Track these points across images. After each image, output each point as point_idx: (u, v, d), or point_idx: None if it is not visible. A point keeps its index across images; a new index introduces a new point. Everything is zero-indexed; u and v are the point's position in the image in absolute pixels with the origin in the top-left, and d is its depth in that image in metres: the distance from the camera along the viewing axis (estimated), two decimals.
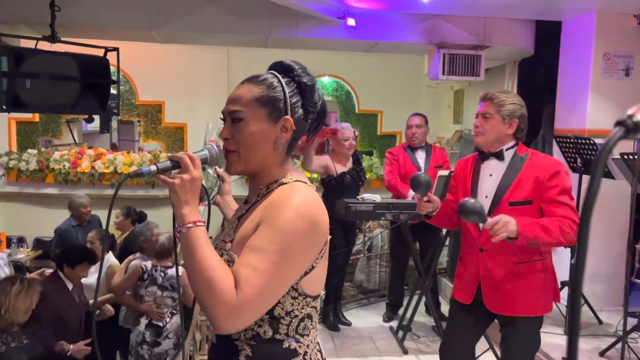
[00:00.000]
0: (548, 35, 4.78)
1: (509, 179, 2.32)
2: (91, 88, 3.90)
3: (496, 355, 3.53)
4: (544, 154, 2.47)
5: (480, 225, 2.34)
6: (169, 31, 4.53)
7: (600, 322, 4.06)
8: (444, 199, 2.64)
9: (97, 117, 4.97)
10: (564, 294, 4.06)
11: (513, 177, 2.32)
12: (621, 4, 4.09)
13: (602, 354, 3.49)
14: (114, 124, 8.88)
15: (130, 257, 3.91)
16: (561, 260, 4.49)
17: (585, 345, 3.66)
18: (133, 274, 3.50)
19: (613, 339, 3.53)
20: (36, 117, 6.68)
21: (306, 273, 1.19)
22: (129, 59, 5.32)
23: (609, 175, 3.68)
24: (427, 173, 4.09)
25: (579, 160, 3.87)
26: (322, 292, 1.30)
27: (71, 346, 3.19)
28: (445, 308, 4.72)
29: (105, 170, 6.56)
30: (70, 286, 3.48)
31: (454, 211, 2.46)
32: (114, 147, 8.47)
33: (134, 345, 3.36)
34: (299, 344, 1.23)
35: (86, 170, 6.52)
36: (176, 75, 6.69)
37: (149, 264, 3.47)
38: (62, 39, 3.85)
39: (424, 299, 4.20)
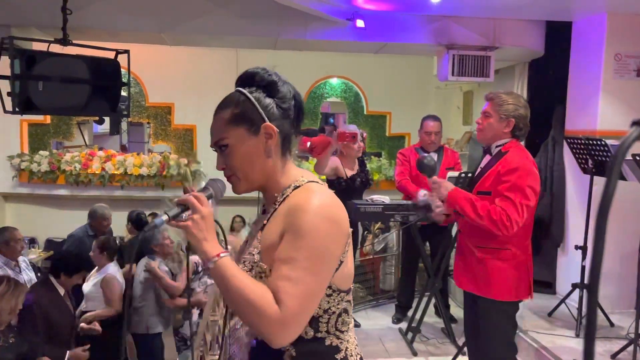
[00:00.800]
0: (558, 36, 4.75)
1: (484, 171, 2.57)
2: (102, 90, 3.94)
3: None
4: (524, 154, 2.54)
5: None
6: (179, 34, 4.55)
7: (611, 324, 4.03)
8: None
9: (107, 119, 5.02)
10: (575, 296, 4.03)
11: (487, 170, 2.55)
12: (632, 4, 4.06)
13: (614, 356, 3.46)
14: (124, 125, 8.94)
15: (147, 261, 3.95)
16: (570, 262, 4.47)
17: (597, 348, 3.63)
18: (189, 271, 3.58)
19: (625, 342, 3.50)
20: (47, 119, 6.74)
21: (336, 269, 1.22)
22: (139, 61, 5.35)
23: (620, 176, 3.65)
24: (439, 175, 4.10)
25: (590, 161, 3.84)
26: (352, 285, 1.33)
27: (68, 352, 3.20)
28: (454, 310, 4.70)
29: (116, 172, 6.61)
30: (62, 292, 3.50)
31: None
32: (123, 149, 8.53)
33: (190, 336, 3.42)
34: (340, 340, 1.26)
35: (97, 172, 6.57)
36: (185, 77, 6.73)
37: (195, 258, 3.52)
38: (74, 41, 3.90)
39: (433, 300, 4.19)
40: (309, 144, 4.00)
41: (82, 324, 3.64)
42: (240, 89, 1.28)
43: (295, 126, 1.31)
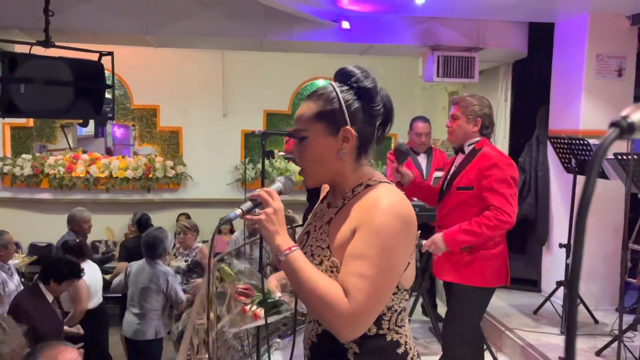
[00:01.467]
0: (541, 37, 4.81)
1: (460, 168, 2.71)
2: (86, 93, 3.90)
3: (493, 355, 3.54)
4: (497, 150, 2.76)
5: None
6: (164, 35, 4.53)
7: (596, 321, 4.08)
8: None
9: (91, 122, 4.99)
10: (560, 293, 4.08)
11: (464, 166, 2.69)
12: (614, 5, 4.12)
13: (598, 353, 3.51)
14: (109, 128, 8.87)
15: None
16: (555, 260, 4.52)
17: (582, 345, 3.68)
18: None
19: (609, 338, 3.55)
20: (30, 122, 6.65)
21: (404, 270, 1.26)
22: (123, 63, 5.31)
23: (603, 175, 3.70)
24: (429, 176, 4.16)
25: (573, 160, 3.89)
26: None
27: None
28: (442, 309, 4.72)
29: (101, 175, 6.54)
30: (50, 299, 3.46)
31: (431, 191, 2.91)
32: (109, 152, 8.46)
33: None
34: (399, 334, 1.29)
35: (81, 175, 6.50)
36: (171, 79, 6.69)
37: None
38: (57, 43, 3.85)
39: (420, 300, 4.21)
40: None
41: (65, 327, 3.62)
42: (334, 85, 1.28)
43: (381, 132, 1.32)
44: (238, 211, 1.23)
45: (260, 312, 1.40)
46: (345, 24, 4.41)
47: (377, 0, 4.25)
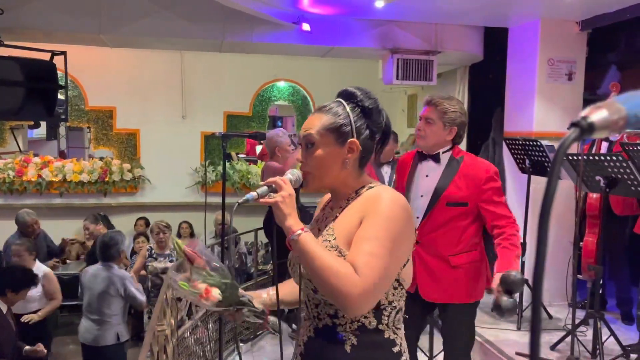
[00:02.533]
0: (496, 41, 4.95)
1: (446, 181, 2.46)
2: (37, 93, 3.76)
3: None
4: (475, 157, 2.59)
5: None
6: (120, 35, 4.41)
7: (550, 316, 4.22)
8: None
9: (43, 124, 4.82)
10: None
11: (450, 178, 2.46)
12: (564, 11, 4.28)
13: (553, 347, 3.63)
14: (62, 130, 8.56)
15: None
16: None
17: None
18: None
19: (562, 333, 3.68)
20: None
21: (405, 264, 1.37)
22: (77, 63, 5.15)
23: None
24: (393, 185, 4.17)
25: (527, 161, 4.02)
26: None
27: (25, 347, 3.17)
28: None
29: (54, 179, 6.32)
30: (4, 309, 3.33)
31: None
32: (62, 155, 8.16)
33: None
34: (396, 335, 1.39)
35: (32, 179, 6.26)
36: (128, 79, 6.53)
37: None
38: (6, 42, 3.70)
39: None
40: (258, 149, 3.98)
41: (27, 347, 3.47)
42: (343, 102, 1.42)
43: (380, 145, 1.47)
44: (254, 194, 1.34)
45: (214, 292, 1.36)
46: (306, 26, 4.41)
47: (338, 2, 4.28)
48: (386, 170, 4.40)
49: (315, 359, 1.40)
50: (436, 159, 2.51)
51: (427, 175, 2.53)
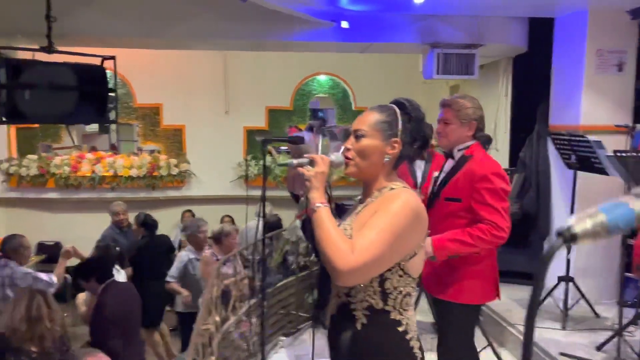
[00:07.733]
0: (542, 32, 4.79)
1: (449, 177, 2.56)
2: (89, 97, 3.94)
3: (495, 353, 3.59)
4: (487, 156, 2.59)
5: None
6: (166, 38, 4.55)
7: (597, 315, 4.11)
8: None
9: None
10: (562, 288, 4.11)
11: (453, 175, 2.54)
12: (613, 0, 4.11)
13: (599, 348, 3.54)
14: (113, 125, 8.90)
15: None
16: (556, 255, 4.54)
17: (582, 340, 3.72)
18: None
19: (610, 333, 3.58)
20: None
21: (411, 257, 1.53)
22: (126, 63, 5.34)
23: (602, 171, 3.73)
24: (426, 182, 4.12)
25: (573, 157, 3.91)
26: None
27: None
28: None
29: (106, 174, 6.61)
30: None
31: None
32: (113, 148, 8.50)
33: None
34: (402, 316, 1.56)
35: (86, 174, 6.57)
36: (173, 77, 6.72)
37: None
38: (59, 49, 3.89)
39: (424, 296, 4.25)
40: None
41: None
42: (396, 107, 1.64)
43: (416, 153, 1.66)
44: (295, 161, 1.54)
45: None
46: (345, 24, 4.42)
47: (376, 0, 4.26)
48: (419, 165, 4.34)
49: (335, 333, 1.61)
50: (451, 156, 2.60)
51: (444, 172, 2.63)
